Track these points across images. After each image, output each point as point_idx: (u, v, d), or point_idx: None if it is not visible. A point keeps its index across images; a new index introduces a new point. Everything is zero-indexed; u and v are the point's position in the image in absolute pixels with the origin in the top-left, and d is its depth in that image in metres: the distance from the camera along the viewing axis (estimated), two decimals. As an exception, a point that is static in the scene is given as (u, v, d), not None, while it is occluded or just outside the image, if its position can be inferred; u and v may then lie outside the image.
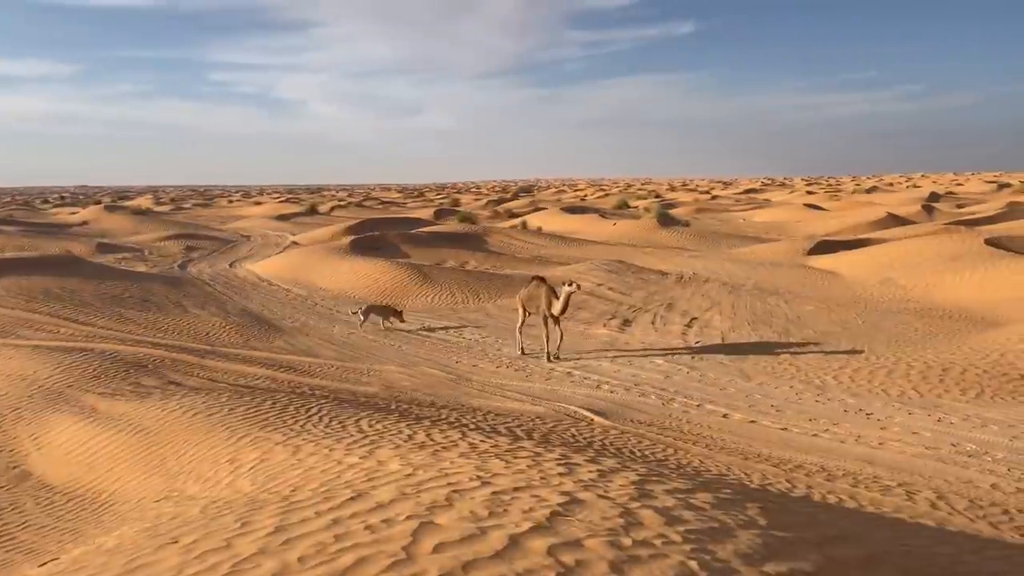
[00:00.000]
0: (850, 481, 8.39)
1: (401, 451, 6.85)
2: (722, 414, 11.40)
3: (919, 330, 16.47)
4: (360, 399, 11.36)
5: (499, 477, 5.13)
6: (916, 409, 11.15)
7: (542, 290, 15.39)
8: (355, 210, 67.30)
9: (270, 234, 45.10)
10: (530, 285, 15.98)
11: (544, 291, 15.33)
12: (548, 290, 15.33)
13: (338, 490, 5.28)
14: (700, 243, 36.63)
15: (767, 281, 23.01)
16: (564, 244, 35.81)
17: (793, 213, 51.38)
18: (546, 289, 15.38)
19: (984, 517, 7.38)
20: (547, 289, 15.38)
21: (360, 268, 24.82)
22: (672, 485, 5.11)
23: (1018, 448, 9.46)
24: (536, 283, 15.81)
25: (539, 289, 15.50)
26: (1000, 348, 13.19)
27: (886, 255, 25.65)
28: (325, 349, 16.00)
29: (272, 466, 7.36)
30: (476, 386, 13.10)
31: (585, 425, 10.61)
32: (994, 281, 19.75)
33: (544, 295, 15.26)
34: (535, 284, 15.81)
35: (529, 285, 16.03)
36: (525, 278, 24.06)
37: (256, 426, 8.89)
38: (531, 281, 16.19)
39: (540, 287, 15.53)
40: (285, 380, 13.06)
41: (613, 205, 67.64)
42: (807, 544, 4.14)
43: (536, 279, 16.06)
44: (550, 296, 15.21)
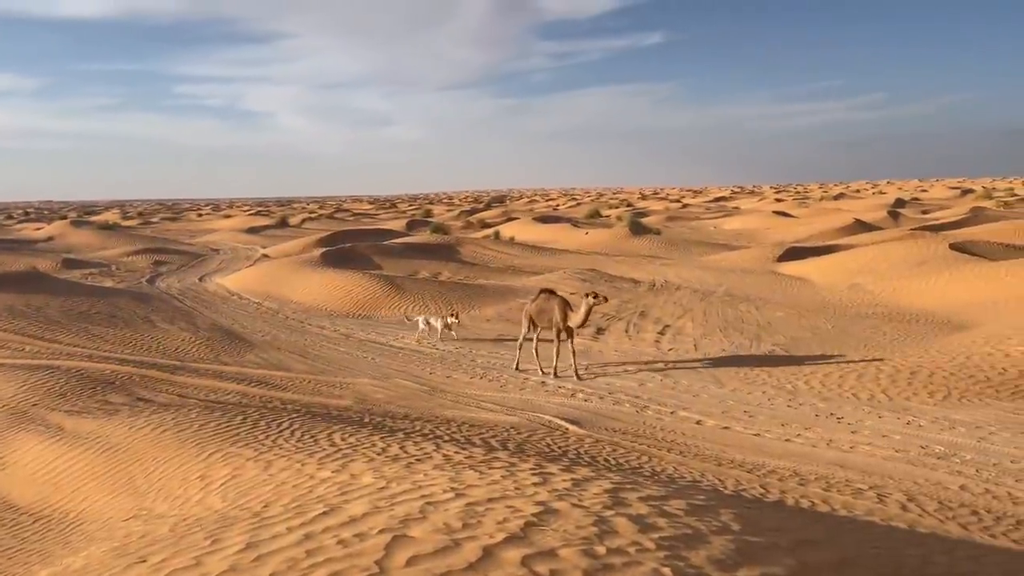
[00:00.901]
0: (822, 485, 8.46)
1: (374, 464, 6.80)
2: (696, 420, 11.45)
3: (887, 334, 16.69)
4: (333, 412, 11.26)
5: (473, 488, 5.10)
6: (886, 412, 11.29)
7: (554, 302, 14.63)
8: (326, 222, 66.94)
9: (240, 247, 44.71)
10: (539, 298, 15.14)
11: (557, 303, 14.57)
12: (561, 302, 14.62)
13: (310, 505, 5.22)
14: (672, 251, 36.88)
15: (738, 288, 23.22)
16: (537, 254, 35.87)
17: (762, 220, 51.98)
18: (559, 301, 14.64)
19: (954, 518, 7.47)
20: (560, 301, 14.65)
21: (332, 280, 24.66)
22: (646, 492, 5.11)
23: (985, 449, 9.61)
24: (546, 295, 15.02)
25: (550, 302, 14.72)
26: (966, 351, 13.41)
27: (854, 261, 26.02)
28: (297, 363, 15.85)
29: (243, 482, 7.27)
30: (450, 397, 13.04)
31: (560, 434, 10.60)
32: (959, 285, 20.10)
33: (558, 307, 14.49)
34: (545, 297, 15.00)
35: (537, 298, 15.18)
36: (499, 288, 24.07)
37: (227, 442, 8.78)
38: (539, 294, 15.31)
39: (552, 299, 14.75)
40: (256, 395, 12.92)
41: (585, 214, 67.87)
42: (780, 549, 4.16)
43: (545, 291, 15.27)
44: (564, 308, 14.47)
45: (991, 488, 8.42)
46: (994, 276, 19.72)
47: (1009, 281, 19.03)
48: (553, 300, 14.71)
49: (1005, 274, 19.53)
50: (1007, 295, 18.36)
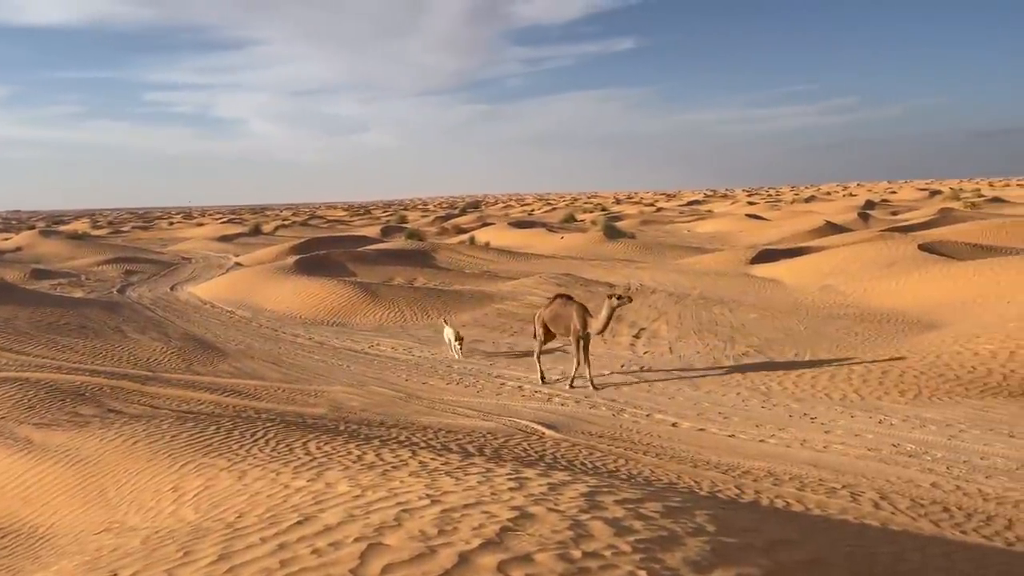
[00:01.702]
0: (796, 485, 8.53)
1: (350, 472, 6.75)
2: (671, 423, 11.50)
3: (859, 334, 16.89)
4: (308, 421, 11.17)
5: (449, 495, 5.09)
6: (858, 412, 11.42)
7: (572, 308, 13.97)
8: (300, 229, 66.57)
9: (212, 256, 44.29)
10: (553, 304, 14.44)
11: (575, 309, 13.92)
12: (580, 307, 13.97)
13: (285, 514, 5.17)
14: (646, 254, 37.07)
15: (712, 290, 23.38)
16: (512, 259, 35.90)
17: (735, 223, 52.44)
18: (577, 307, 13.99)
19: (925, 515, 7.57)
20: (578, 307, 14.00)
21: (306, 288, 24.50)
22: (622, 496, 5.13)
23: (956, 447, 9.75)
24: (562, 301, 14.34)
25: (567, 307, 14.05)
26: (936, 350, 13.61)
27: (825, 262, 26.33)
28: (271, 371, 15.72)
29: (217, 493, 7.19)
30: (426, 404, 13.00)
31: (536, 439, 10.60)
32: (928, 285, 20.39)
33: (576, 313, 13.83)
34: (561, 302, 14.31)
35: (552, 304, 14.46)
36: (475, 294, 24.03)
37: (200, 452, 8.68)
38: (553, 300, 14.61)
39: (569, 305, 14.10)
40: (230, 404, 12.79)
41: (560, 219, 68.14)
42: (754, 549, 4.19)
43: (560, 297, 14.61)
44: (584, 314, 13.80)
45: (962, 485, 8.54)
46: (962, 276, 20.03)
47: (977, 281, 19.35)
48: (571, 306, 14.07)
49: (973, 274, 19.85)
50: (975, 294, 18.66)
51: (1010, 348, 12.92)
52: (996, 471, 8.90)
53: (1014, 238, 29.12)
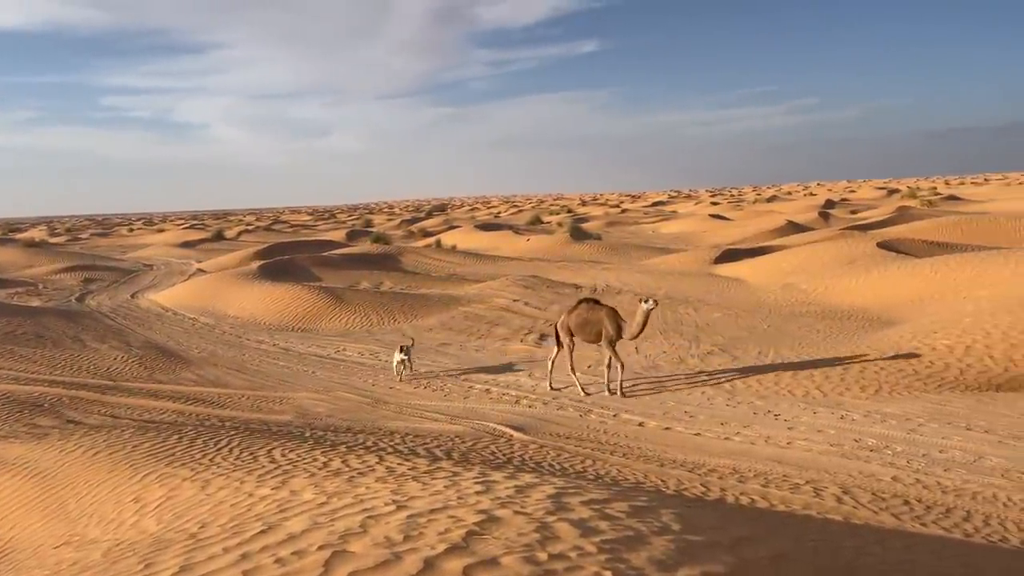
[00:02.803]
0: (761, 481, 8.63)
1: (315, 479, 6.69)
2: (638, 423, 11.57)
3: (820, 331, 17.14)
4: (273, 428, 11.05)
5: (415, 500, 5.06)
6: (820, 408, 11.58)
7: (601, 313, 13.38)
8: (263, 234, 65.88)
9: (174, 262, 43.64)
10: (579, 308, 13.76)
11: (605, 313, 13.34)
12: (610, 312, 13.39)
13: (248, 523, 5.11)
14: (612, 255, 37.28)
15: (677, 290, 23.58)
16: (479, 261, 35.88)
17: (699, 224, 52.99)
18: (607, 311, 13.39)
19: (887, 509, 7.70)
20: (608, 311, 13.40)
21: (270, 293, 24.24)
22: (588, 496, 5.14)
23: (915, 440, 9.93)
24: (588, 306, 13.67)
25: (596, 312, 13.44)
26: (895, 346, 13.86)
27: (787, 261, 26.69)
28: (235, 378, 15.52)
29: (179, 503, 7.07)
30: (393, 408, 12.93)
31: (505, 442, 10.60)
32: (887, 282, 20.77)
33: (607, 318, 13.26)
34: (588, 307, 13.66)
35: (577, 308, 13.79)
36: (442, 297, 23.94)
37: (162, 462, 8.53)
38: (578, 304, 13.93)
39: (597, 310, 13.49)
40: (193, 413, 12.61)
41: (526, 221, 68.29)
42: (719, 546, 4.23)
43: (587, 301, 13.91)
44: (616, 318, 13.26)
45: (921, 478, 8.71)
46: (919, 273, 20.43)
47: (933, 277, 19.75)
48: (600, 310, 13.46)
49: (930, 271, 20.26)
50: (932, 291, 19.05)
51: (966, 343, 13.21)
52: (954, 464, 9.09)
53: (969, 235, 29.78)
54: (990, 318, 13.81)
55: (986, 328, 13.43)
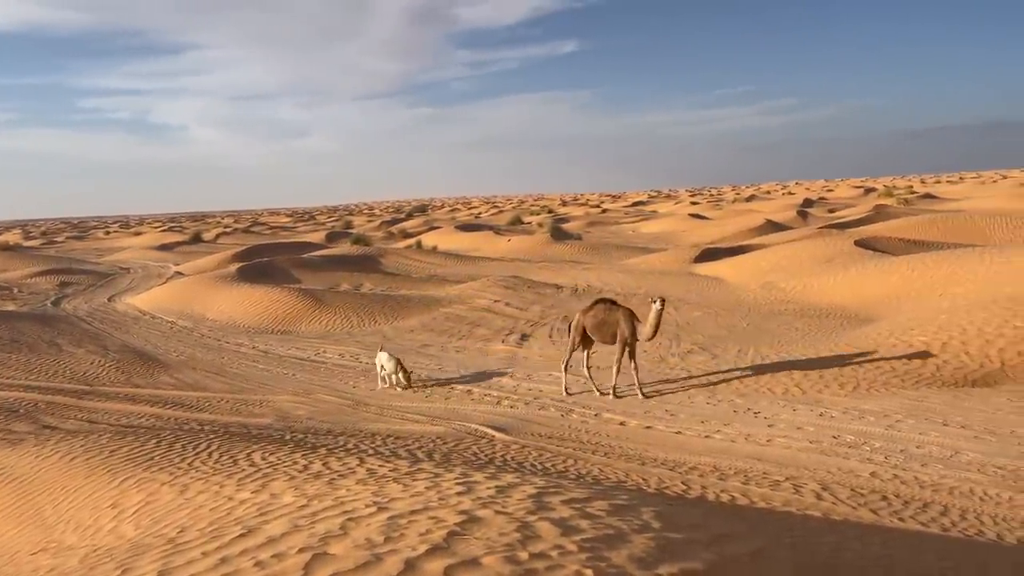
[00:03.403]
0: (741, 479, 8.68)
1: (296, 482, 6.64)
2: (619, 422, 11.60)
3: (799, 329, 17.27)
4: (253, 431, 10.97)
5: (396, 501, 5.04)
6: (800, 405, 11.67)
7: (618, 314, 13.05)
8: (242, 236, 65.45)
9: (151, 265, 43.24)
10: (595, 308, 13.41)
11: (621, 314, 13.00)
12: (628, 313, 13.03)
13: (228, 527, 5.06)
14: (593, 255, 37.36)
15: (657, 289, 23.65)
16: (460, 262, 35.84)
17: (679, 223, 53.24)
18: (625, 312, 13.04)
19: (865, 504, 7.77)
20: (626, 312, 13.04)
21: (249, 296, 24.07)
22: (570, 495, 5.15)
23: (893, 436, 10.03)
24: (605, 306, 13.33)
25: (613, 313, 13.11)
26: (873, 343, 13.99)
27: (766, 260, 26.87)
28: (214, 382, 15.39)
29: (158, 508, 7.00)
30: (375, 410, 12.88)
31: (486, 442, 10.59)
32: (865, 280, 20.97)
33: (623, 319, 12.93)
34: (605, 307, 13.30)
35: (593, 308, 13.44)
36: (423, 298, 23.87)
37: (140, 467, 8.45)
38: (594, 305, 13.56)
39: (614, 311, 13.15)
40: (172, 417, 12.49)
41: (507, 221, 68.29)
42: (699, 544, 4.25)
43: (603, 301, 13.54)
44: (632, 319, 12.93)
45: (899, 473, 8.79)
46: (896, 270, 20.65)
47: (910, 275, 19.96)
48: (617, 312, 13.12)
49: (907, 268, 20.47)
50: (909, 288, 19.25)
51: (942, 339, 13.36)
52: (931, 459, 9.18)
53: (945, 233, 30.13)
54: (965, 315, 13.98)
55: (962, 325, 13.59)
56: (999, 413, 10.57)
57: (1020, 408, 10.76)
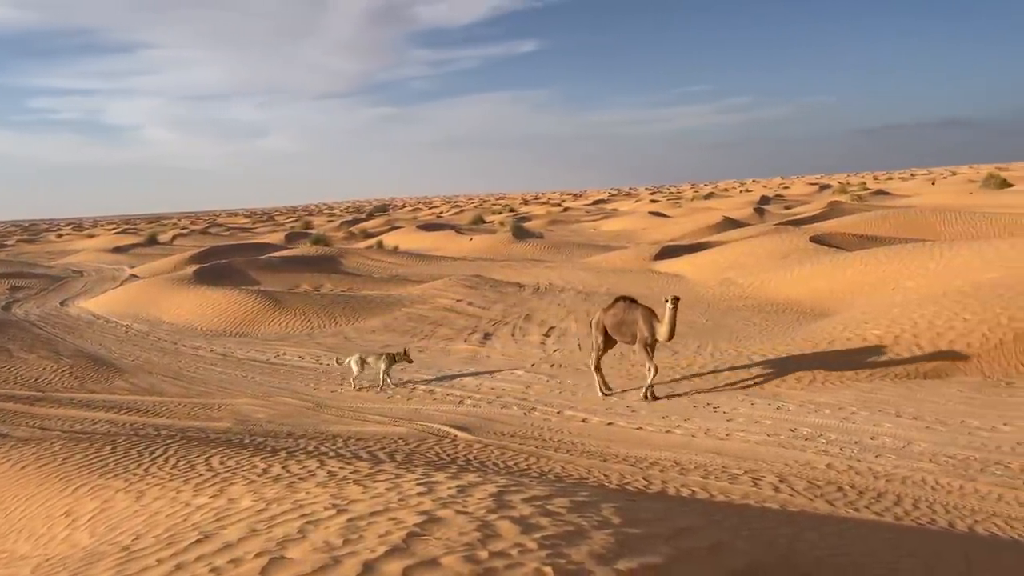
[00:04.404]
0: (701, 473, 8.79)
1: (254, 486, 6.56)
2: (581, 419, 11.66)
3: (757, 325, 17.52)
4: (211, 436, 10.82)
5: (356, 503, 5.01)
6: (758, 399, 11.84)
7: (636, 312, 12.66)
8: (199, 238, 64.45)
9: (105, 268, 42.36)
10: (615, 307, 13.08)
11: (640, 313, 12.62)
12: (645, 311, 12.64)
13: (184, 533, 4.98)
14: (554, 254, 37.49)
15: (618, 287, 23.79)
16: (422, 262, 35.71)
17: (639, 221, 53.65)
18: (642, 311, 12.66)
19: (821, 496, 7.92)
20: (644, 310, 12.66)
21: (206, 298, 23.71)
22: (530, 493, 5.16)
23: (848, 428, 10.23)
24: (625, 305, 12.96)
25: (632, 312, 12.74)
26: (828, 337, 14.24)
27: (724, 257, 27.21)
28: (170, 386, 15.14)
29: (113, 515, 6.87)
30: (336, 412, 12.78)
31: (449, 442, 10.57)
32: (820, 275, 21.34)
33: (641, 318, 12.55)
34: (624, 306, 12.94)
35: (613, 307, 13.11)
36: (384, 298, 23.73)
37: (95, 474, 8.28)
38: (614, 303, 13.21)
39: (633, 309, 12.76)
40: (127, 422, 12.26)
41: (469, 221, 68.22)
42: (658, 538, 4.29)
43: (623, 299, 13.18)
44: (651, 318, 12.53)
45: (854, 464, 8.98)
46: (850, 265, 21.05)
47: (864, 270, 20.37)
48: (635, 310, 12.73)
49: (860, 263, 20.88)
50: (862, 283, 19.64)
51: (895, 333, 13.65)
52: (885, 450, 9.39)
53: (897, 229, 30.78)
54: (917, 308, 14.31)
55: (913, 318, 13.91)
56: (949, 404, 10.85)
57: (969, 399, 11.06)
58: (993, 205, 39.46)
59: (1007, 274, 16.06)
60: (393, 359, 14.48)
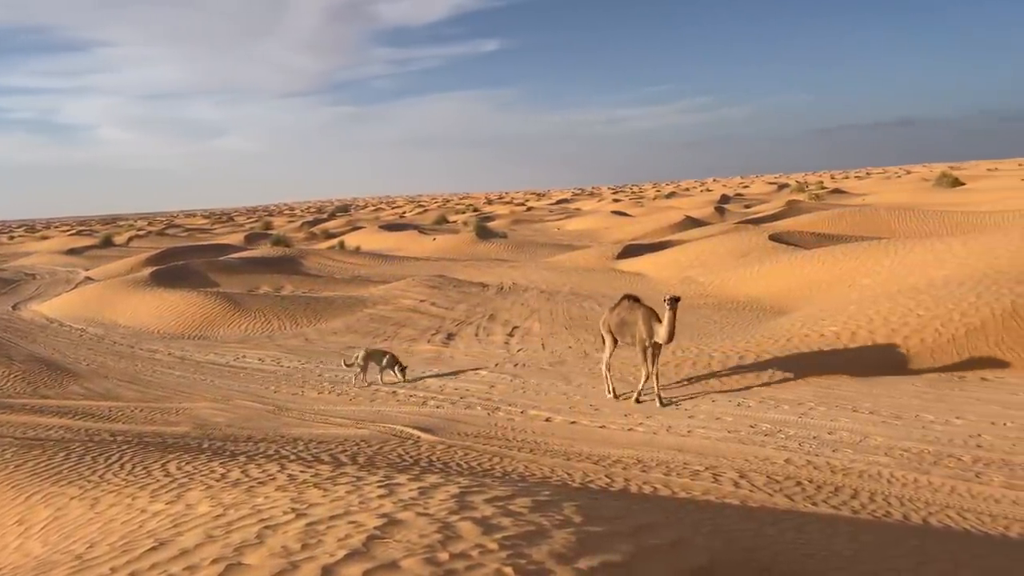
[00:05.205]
0: (663, 470, 8.85)
1: (212, 491, 6.46)
2: (545, 418, 11.68)
3: (717, 322, 17.71)
4: (168, 441, 10.62)
5: (316, 507, 4.95)
6: (718, 396, 11.96)
7: (639, 313, 12.20)
8: (156, 239, 63.38)
9: (59, 270, 41.41)
10: (619, 306, 12.68)
11: (642, 314, 12.14)
12: (647, 312, 12.18)
13: (139, 541, 4.89)
14: (518, 253, 37.54)
15: (581, 286, 23.92)
16: (384, 262, 35.49)
17: (602, 220, 53.96)
18: (644, 311, 12.20)
19: (781, 491, 8.03)
20: (645, 311, 12.20)
21: (164, 300, 23.31)
22: (492, 494, 5.15)
23: (807, 424, 10.38)
24: (629, 304, 12.55)
25: (634, 312, 12.29)
26: (787, 334, 14.44)
27: (685, 255, 27.48)
28: (127, 390, 14.85)
29: (67, 523, 6.71)
30: (297, 415, 12.64)
31: (412, 443, 10.51)
32: (779, 273, 21.65)
33: (642, 320, 12.07)
34: (627, 305, 12.54)
35: (618, 306, 12.70)
36: (346, 299, 23.54)
37: (48, 481, 8.08)
38: (620, 301, 12.80)
39: (636, 309, 12.32)
40: (82, 428, 11.99)
41: (432, 221, 68.04)
42: (619, 536, 4.30)
43: (628, 298, 12.75)
44: (650, 319, 12.04)
45: (812, 459, 9.11)
46: (808, 263, 21.39)
47: (821, 267, 20.71)
48: (637, 310, 12.26)
49: (817, 261, 21.23)
50: (820, 280, 19.96)
51: (851, 329, 13.89)
52: (842, 444, 9.54)
53: (853, 227, 31.35)
54: (872, 305, 14.57)
55: (869, 315, 14.16)
56: (904, 398, 11.06)
57: (923, 393, 11.29)
58: (946, 203, 40.41)
59: (959, 271, 16.44)
60: (395, 359, 14.68)
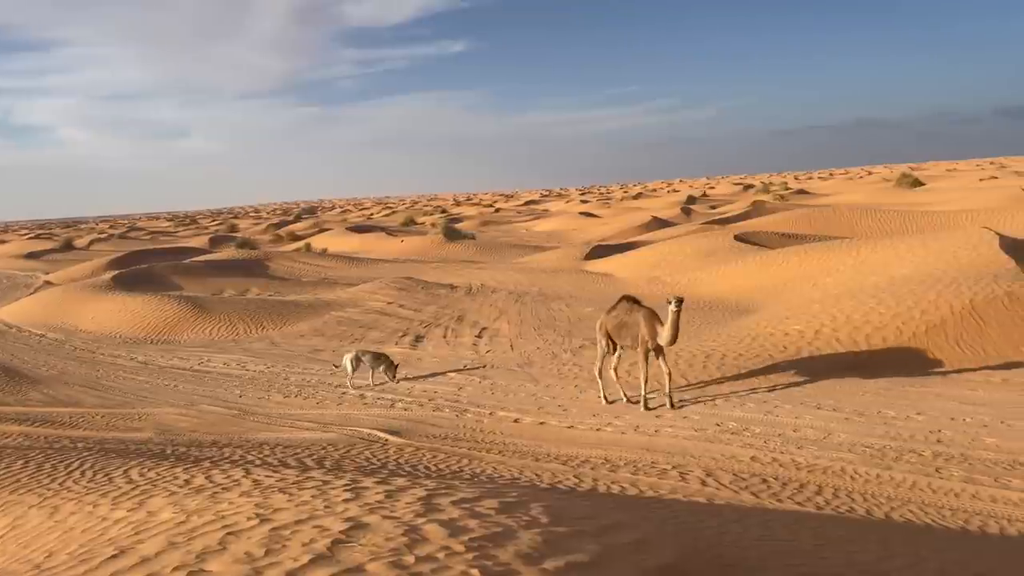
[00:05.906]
0: (631, 469, 8.90)
1: (175, 498, 6.35)
2: (513, 419, 11.68)
3: (684, 322, 17.81)
4: (131, 447, 10.45)
5: (280, 512, 4.89)
6: (685, 395, 12.05)
7: (639, 314, 11.90)
8: (118, 242, 62.33)
9: (18, 275, 40.56)
10: (618, 307, 12.38)
11: (642, 315, 11.84)
12: (648, 313, 11.86)
13: (99, 549, 4.79)
14: (487, 255, 37.52)
15: (550, 287, 23.98)
16: (352, 264, 35.27)
17: (570, 221, 54.18)
18: (644, 312, 11.88)
19: (746, 488, 8.11)
20: (647, 312, 11.88)
21: (126, 305, 22.94)
22: (459, 496, 5.12)
23: (772, 422, 10.50)
24: (628, 305, 12.26)
25: (634, 314, 12.00)
26: (752, 333, 14.59)
27: (652, 255, 27.67)
28: (88, 396, 14.58)
29: (25, 532, 6.56)
30: (263, 419, 12.51)
31: (379, 447, 10.45)
32: (744, 273, 21.90)
33: (643, 321, 11.75)
34: (626, 307, 12.25)
35: (616, 307, 12.42)
36: (312, 303, 23.34)
37: (6, 490, 7.90)
38: (619, 302, 12.52)
39: (635, 311, 12.02)
40: (41, 435, 11.73)
41: (400, 222, 67.77)
42: (585, 536, 4.31)
43: (626, 299, 12.47)
44: (652, 321, 11.71)
45: (777, 457, 9.21)
46: (773, 263, 21.66)
47: (785, 267, 20.98)
48: (638, 312, 11.98)
49: (782, 260, 21.51)
50: (784, 279, 20.22)
51: (815, 327, 14.08)
52: (807, 441, 9.67)
53: (817, 226, 31.81)
54: (835, 304, 14.79)
55: (832, 313, 14.37)
56: (867, 395, 11.24)
57: (886, 389, 11.48)
58: (907, 203, 41.17)
59: (919, 269, 16.76)
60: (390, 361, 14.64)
